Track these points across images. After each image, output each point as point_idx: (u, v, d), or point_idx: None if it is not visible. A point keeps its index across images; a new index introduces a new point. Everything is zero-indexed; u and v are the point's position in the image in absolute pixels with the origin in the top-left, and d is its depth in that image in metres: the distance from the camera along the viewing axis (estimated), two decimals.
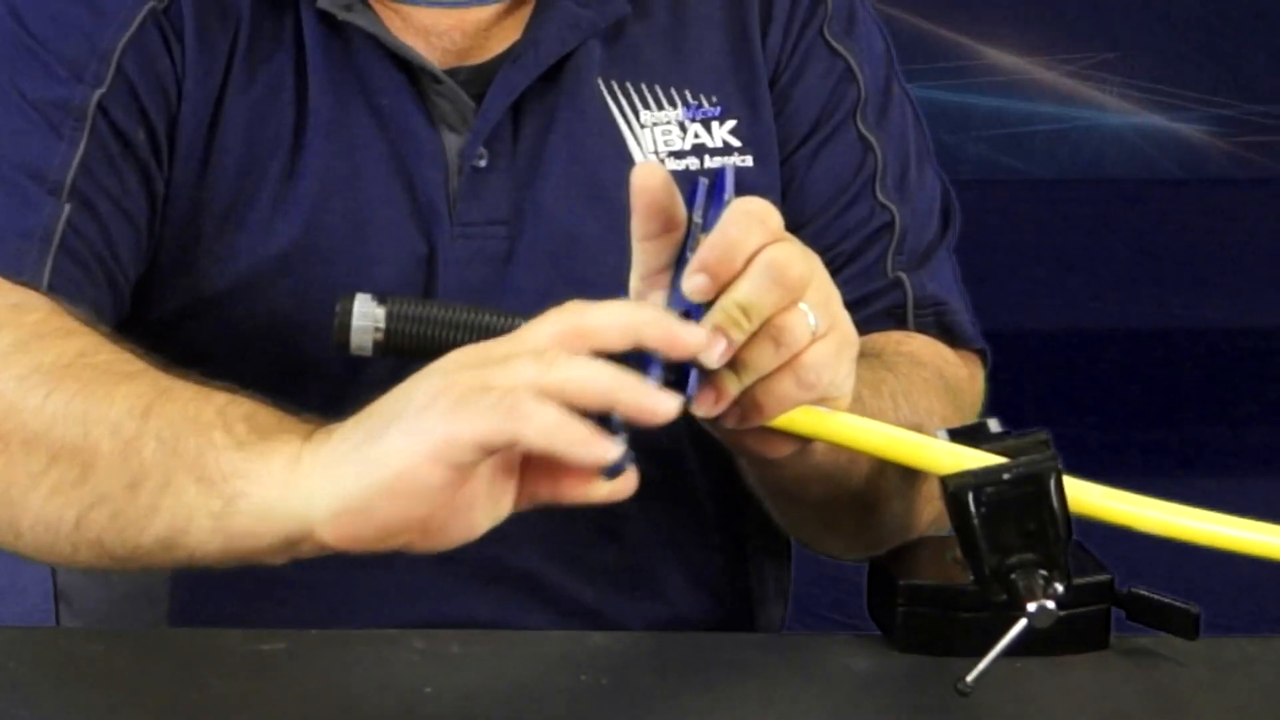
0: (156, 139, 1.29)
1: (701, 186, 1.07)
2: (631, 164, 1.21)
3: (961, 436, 1.12)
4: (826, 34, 1.38)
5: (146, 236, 1.29)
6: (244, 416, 1.04)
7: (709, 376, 1.02)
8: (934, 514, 1.23)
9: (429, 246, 1.30)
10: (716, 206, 1.04)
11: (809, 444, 1.11)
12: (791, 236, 1.03)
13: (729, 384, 1.03)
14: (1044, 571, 1.09)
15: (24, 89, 1.28)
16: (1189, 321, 3.57)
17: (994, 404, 1.32)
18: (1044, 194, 3.81)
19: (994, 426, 1.13)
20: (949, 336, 1.37)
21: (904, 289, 1.36)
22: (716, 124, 1.35)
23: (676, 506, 1.37)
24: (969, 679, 1.08)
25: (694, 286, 1.01)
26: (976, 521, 1.09)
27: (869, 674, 1.16)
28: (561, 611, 1.33)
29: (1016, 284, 3.43)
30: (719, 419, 1.05)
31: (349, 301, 1.05)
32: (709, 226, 1.03)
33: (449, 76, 1.31)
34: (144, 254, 1.30)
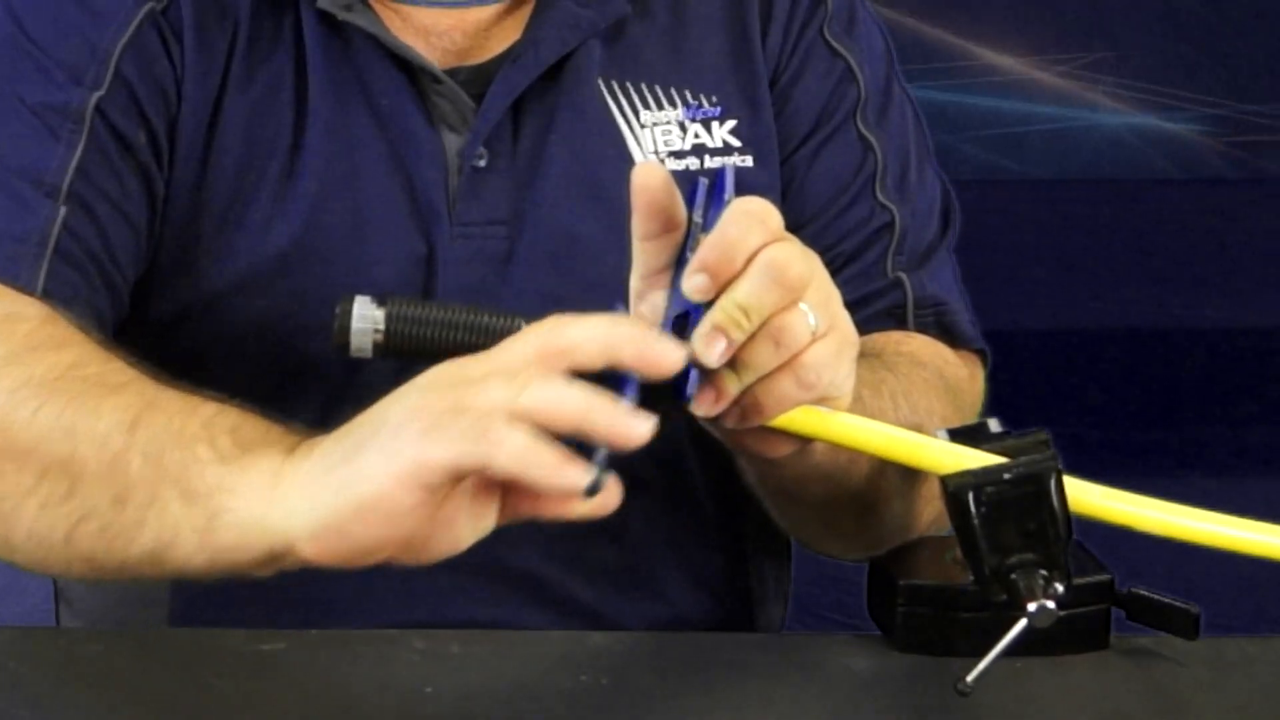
0: (156, 140, 1.29)
1: (702, 186, 1.07)
2: (631, 164, 1.21)
3: (961, 436, 1.12)
4: (826, 34, 1.38)
5: (146, 238, 1.29)
6: (229, 429, 1.04)
7: (709, 376, 1.02)
8: (934, 514, 1.23)
9: (428, 246, 1.30)
10: (717, 206, 1.04)
11: (809, 444, 1.11)
12: (792, 236, 1.03)
13: (729, 384, 1.03)
14: (1044, 571, 1.09)
15: (23, 94, 1.27)
16: (1188, 321, 3.57)
17: (994, 404, 1.32)
18: (1043, 194, 3.81)
19: (994, 426, 1.13)
20: (949, 336, 1.37)
21: (904, 289, 1.36)
22: (716, 124, 1.35)
23: (676, 506, 1.37)
24: (969, 679, 1.08)
25: (694, 286, 1.01)
26: (976, 521, 1.09)
27: (869, 674, 1.16)
28: (561, 611, 1.33)
29: (1016, 284, 3.43)
30: (719, 419, 1.05)
31: (348, 303, 1.05)
32: (709, 226, 1.03)
33: (449, 76, 1.31)
34: (144, 255, 1.30)
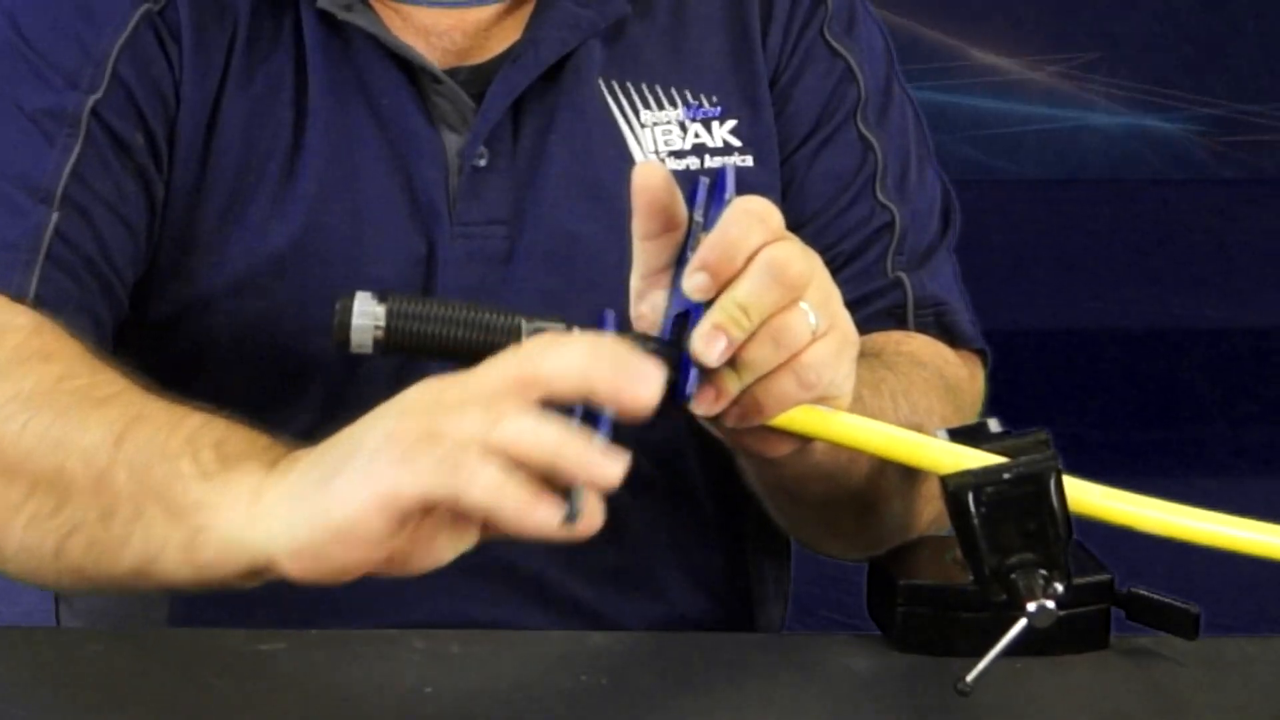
0: (155, 142, 1.29)
1: (702, 186, 1.07)
2: (632, 164, 1.21)
3: (961, 436, 1.12)
4: (827, 34, 1.38)
5: (144, 239, 1.29)
6: (213, 443, 1.04)
7: (709, 375, 1.02)
8: (934, 514, 1.23)
9: (428, 246, 1.30)
10: (717, 206, 1.04)
11: (809, 444, 1.11)
12: (792, 235, 1.03)
13: (729, 383, 1.03)
14: (1044, 571, 1.09)
15: (19, 99, 1.27)
16: (1187, 321, 3.58)
17: (994, 404, 1.32)
18: (1041, 194, 3.81)
19: (994, 426, 1.13)
20: (949, 336, 1.37)
21: (904, 289, 1.36)
22: (717, 124, 1.35)
23: (676, 506, 1.37)
24: (969, 679, 1.08)
25: (694, 285, 1.01)
26: (976, 521, 1.09)
27: (869, 674, 1.16)
28: (561, 611, 1.33)
29: (1015, 284, 3.43)
30: (719, 418, 1.05)
31: (349, 299, 1.05)
32: (710, 226, 1.03)
33: (449, 76, 1.31)
34: (142, 257, 1.29)
